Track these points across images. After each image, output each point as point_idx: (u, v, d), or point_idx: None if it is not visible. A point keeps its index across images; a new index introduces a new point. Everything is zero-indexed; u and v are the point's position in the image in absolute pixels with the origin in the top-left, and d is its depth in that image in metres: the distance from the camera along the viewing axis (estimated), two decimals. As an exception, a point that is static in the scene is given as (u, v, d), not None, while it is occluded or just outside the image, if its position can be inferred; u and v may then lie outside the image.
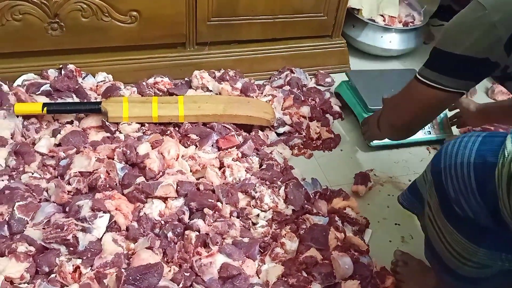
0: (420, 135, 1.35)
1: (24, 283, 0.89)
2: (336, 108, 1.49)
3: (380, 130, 1.13)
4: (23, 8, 1.29)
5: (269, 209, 1.08)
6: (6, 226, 0.96)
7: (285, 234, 1.03)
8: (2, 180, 1.07)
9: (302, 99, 1.46)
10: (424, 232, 0.97)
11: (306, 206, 1.11)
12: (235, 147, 1.22)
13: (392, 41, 1.74)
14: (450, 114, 1.41)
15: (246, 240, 1.01)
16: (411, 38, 1.76)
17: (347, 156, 1.36)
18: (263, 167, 1.19)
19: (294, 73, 1.57)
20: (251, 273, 0.96)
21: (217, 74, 1.49)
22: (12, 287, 0.87)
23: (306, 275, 0.96)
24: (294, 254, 1.01)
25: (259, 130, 1.32)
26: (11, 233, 0.96)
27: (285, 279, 0.95)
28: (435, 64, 0.86)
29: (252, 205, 1.08)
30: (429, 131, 1.40)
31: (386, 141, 1.31)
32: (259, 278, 0.97)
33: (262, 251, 1.01)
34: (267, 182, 1.13)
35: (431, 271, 1.01)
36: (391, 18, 1.76)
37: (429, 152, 1.40)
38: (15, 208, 0.98)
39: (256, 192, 1.08)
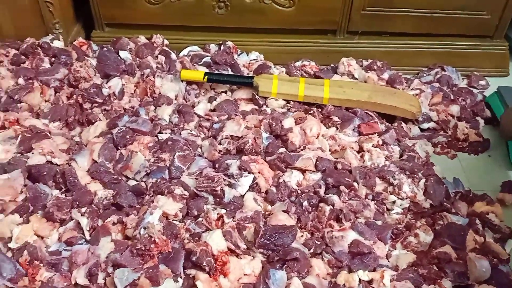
0: None
1: (177, 220, 1.01)
2: (489, 112, 1.39)
3: None
4: (198, -13, 1.45)
5: (406, 198, 1.07)
6: (167, 170, 1.10)
7: (420, 226, 1.01)
8: (166, 133, 1.22)
9: (452, 98, 1.40)
10: None
11: (445, 203, 1.07)
12: (376, 134, 1.22)
13: None
14: None
15: (379, 223, 1.01)
16: None
17: (495, 163, 1.27)
18: (403, 158, 1.18)
19: (445, 71, 1.51)
20: (381, 254, 0.96)
21: (365, 63, 1.50)
22: (166, 222, 0.99)
23: (437, 269, 0.94)
24: (426, 247, 0.99)
25: (402, 122, 1.30)
26: (170, 177, 1.09)
27: (415, 268, 0.94)
28: None
29: (389, 191, 1.08)
30: None
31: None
32: (388, 261, 0.97)
33: (393, 237, 1.01)
34: (407, 172, 1.11)
35: None
36: None
37: None
38: (175, 157, 1.11)
39: (395, 180, 1.08)
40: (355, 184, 1.08)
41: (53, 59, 1.42)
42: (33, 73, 1.35)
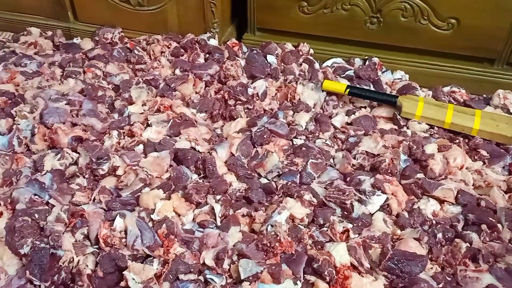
0: None
1: (302, 224, 1.02)
2: None
3: None
4: (353, 0, 1.45)
5: (559, 254, 0.94)
6: (298, 175, 1.12)
7: None
8: (301, 139, 1.25)
9: None
10: None
11: None
12: (531, 176, 1.10)
13: None
14: None
15: (522, 273, 0.91)
16: None
17: None
18: (559, 208, 1.05)
19: None
20: (520, 308, 0.87)
21: (524, 98, 1.36)
22: (292, 224, 1.01)
23: None
24: None
25: (562, 169, 1.16)
26: (300, 182, 1.11)
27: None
28: None
29: (539, 242, 0.96)
30: None
31: None
32: (527, 317, 0.87)
33: (537, 293, 0.90)
34: None
35: None
36: None
37: None
38: (308, 164, 1.13)
39: (548, 230, 0.96)
40: (499, 225, 0.98)
41: (208, 55, 1.54)
42: (189, 66, 1.48)
